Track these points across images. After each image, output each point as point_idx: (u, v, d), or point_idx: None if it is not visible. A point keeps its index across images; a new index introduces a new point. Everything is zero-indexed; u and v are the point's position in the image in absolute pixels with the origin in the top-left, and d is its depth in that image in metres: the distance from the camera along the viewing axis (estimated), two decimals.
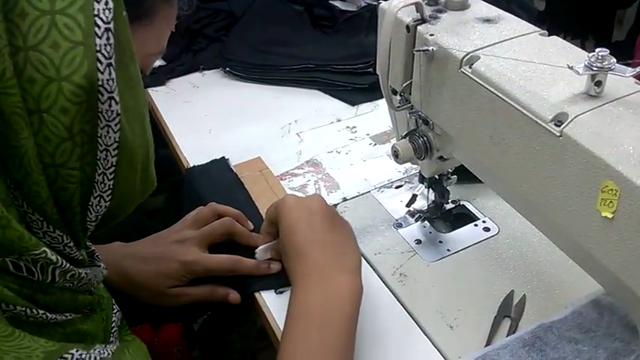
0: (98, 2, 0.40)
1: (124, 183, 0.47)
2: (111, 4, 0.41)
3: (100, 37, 0.40)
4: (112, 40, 0.41)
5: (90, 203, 0.46)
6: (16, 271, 0.44)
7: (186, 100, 1.14)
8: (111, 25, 0.41)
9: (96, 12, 0.40)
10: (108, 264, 0.74)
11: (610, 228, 0.46)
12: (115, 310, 0.58)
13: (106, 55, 0.41)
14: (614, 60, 0.49)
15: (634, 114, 0.48)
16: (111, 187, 0.46)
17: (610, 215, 0.46)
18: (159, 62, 1.21)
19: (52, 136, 0.41)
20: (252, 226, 0.80)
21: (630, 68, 0.48)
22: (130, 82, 0.45)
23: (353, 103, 1.09)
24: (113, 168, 0.45)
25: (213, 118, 1.08)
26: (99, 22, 0.40)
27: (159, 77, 1.18)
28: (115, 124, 0.43)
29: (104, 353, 0.49)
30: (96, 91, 0.41)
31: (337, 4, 1.34)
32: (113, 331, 0.57)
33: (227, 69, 1.18)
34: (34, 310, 0.45)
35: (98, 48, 0.41)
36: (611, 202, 0.45)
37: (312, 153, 0.97)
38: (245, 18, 1.29)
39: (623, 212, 0.45)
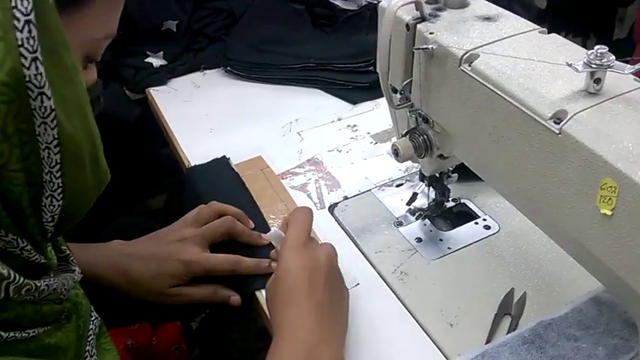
0: None
1: (74, 179, 0.45)
2: None
3: (20, 31, 0.38)
4: (34, 33, 0.38)
5: (42, 204, 0.44)
6: None
7: (187, 99, 1.14)
8: (31, 17, 0.38)
9: (13, 4, 0.37)
10: (107, 262, 0.74)
11: (609, 225, 0.46)
12: (93, 318, 0.57)
13: (30, 49, 0.39)
14: (614, 57, 0.49)
15: (633, 111, 0.48)
16: (60, 184, 0.44)
17: (609, 212, 0.46)
18: (160, 62, 1.21)
19: None
20: (252, 225, 0.80)
21: (629, 65, 0.48)
22: (65, 74, 0.42)
23: (353, 102, 1.10)
24: (58, 166, 0.43)
25: (214, 117, 1.08)
26: (17, 14, 0.38)
27: (160, 77, 1.19)
28: (52, 121, 0.41)
29: None
30: (24, 87, 0.39)
31: (338, 2, 1.34)
32: (90, 339, 0.55)
33: (228, 68, 1.18)
34: None
35: (20, 42, 0.38)
36: (610, 199, 0.46)
37: (313, 152, 0.97)
38: (245, 17, 1.29)
39: (622, 209, 0.45)
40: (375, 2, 1.21)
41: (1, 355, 0.44)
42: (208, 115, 1.08)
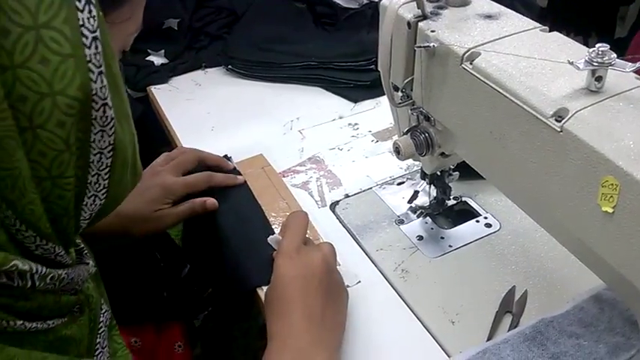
0: (82, 11, 0.39)
1: (118, 180, 0.47)
2: (94, 12, 0.40)
3: (88, 48, 0.40)
4: (100, 49, 0.40)
5: (84, 204, 0.46)
6: None
7: (188, 97, 1.14)
8: (97, 34, 0.40)
9: (81, 22, 0.39)
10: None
11: (610, 223, 0.46)
12: (104, 310, 0.58)
13: (97, 64, 0.41)
14: (615, 55, 0.49)
15: (634, 109, 0.48)
16: (106, 185, 0.46)
17: (610, 210, 0.46)
18: (161, 60, 1.22)
19: (47, 150, 0.41)
20: (232, 166, 0.91)
21: (630, 63, 0.48)
22: (114, 82, 0.44)
23: (355, 100, 1.10)
24: (108, 169, 0.45)
25: (215, 115, 1.08)
26: (85, 32, 0.39)
27: (161, 75, 1.19)
28: (110, 128, 0.43)
29: None
30: (90, 100, 0.41)
31: (339, 1, 1.34)
32: (101, 332, 0.57)
33: (229, 67, 1.18)
34: (10, 322, 0.44)
35: (88, 58, 0.40)
36: (611, 196, 0.46)
37: (315, 150, 0.97)
38: (247, 16, 1.29)
39: (623, 207, 0.45)
40: (377, 0, 1.21)
41: (24, 345, 0.45)
42: (210, 114, 1.09)
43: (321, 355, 0.60)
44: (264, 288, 0.73)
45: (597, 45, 0.49)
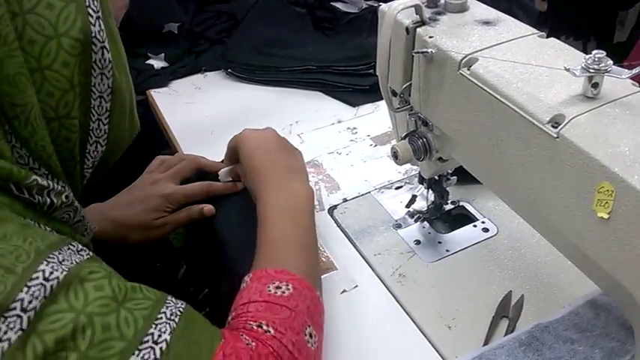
0: None
1: (117, 126, 0.51)
2: None
3: None
4: None
5: (87, 150, 0.49)
6: (19, 194, 0.46)
7: (188, 101, 1.14)
8: None
9: None
10: (93, 220, 0.79)
11: (606, 228, 0.47)
12: None
13: (95, 9, 0.45)
14: (611, 62, 0.49)
15: (630, 115, 0.48)
16: (106, 131, 0.50)
17: (606, 216, 0.46)
18: (161, 64, 1.22)
19: (54, 90, 0.45)
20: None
21: (627, 70, 0.49)
22: (111, 34, 0.48)
23: (354, 105, 1.10)
24: (107, 113, 0.49)
25: (215, 119, 1.08)
26: None
27: (161, 78, 1.19)
28: (109, 71, 0.47)
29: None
30: (90, 42, 0.45)
31: (339, 5, 1.35)
32: None
33: (229, 70, 1.19)
34: (41, 225, 0.46)
35: (87, 4, 0.45)
36: (607, 202, 0.46)
37: (313, 154, 0.97)
38: (247, 20, 1.30)
39: (618, 213, 0.45)
40: (376, 5, 1.21)
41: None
42: (209, 117, 1.09)
43: (297, 182, 0.73)
44: None
45: (594, 52, 0.49)
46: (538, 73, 0.54)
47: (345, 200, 0.88)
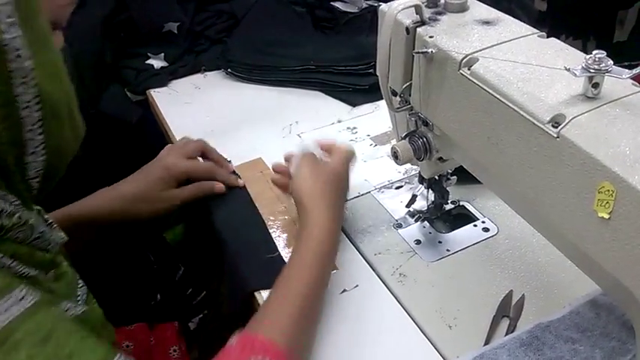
0: None
1: (54, 134, 0.48)
2: None
3: None
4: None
5: (25, 162, 0.47)
6: None
7: (187, 101, 1.14)
8: None
9: None
10: (98, 201, 0.82)
11: (606, 228, 0.47)
12: (81, 285, 0.60)
13: (6, 14, 0.42)
14: (612, 62, 0.49)
15: (631, 115, 0.48)
16: (42, 140, 0.47)
17: (606, 216, 0.46)
18: (160, 63, 1.22)
19: None
20: (232, 168, 0.92)
21: (627, 70, 0.49)
22: (40, 38, 0.45)
23: (353, 104, 1.10)
24: (40, 122, 0.46)
25: (214, 119, 1.08)
26: None
27: (161, 78, 1.19)
28: (31, 79, 0.44)
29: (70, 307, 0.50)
30: (2, 51, 0.42)
31: (338, 5, 1.35)
32: (79, 302, 0.58)
33: (229, 70, 1.19)
34: None
35: None
36: (607, 202, 0.46)
37: None
38: (246, 19, 1.30)
39: (619, 213, 0.45)
40: (376, 5, 1.21)
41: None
42: (209, 117, 1.09)
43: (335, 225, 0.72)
44: (263, 292, 0.73)
45: (594, 52, 0.49)
46: (538, 73, 0.54)
47: (345, 200, 0.87)
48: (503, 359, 0.61)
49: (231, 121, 1.07)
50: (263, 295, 0.73)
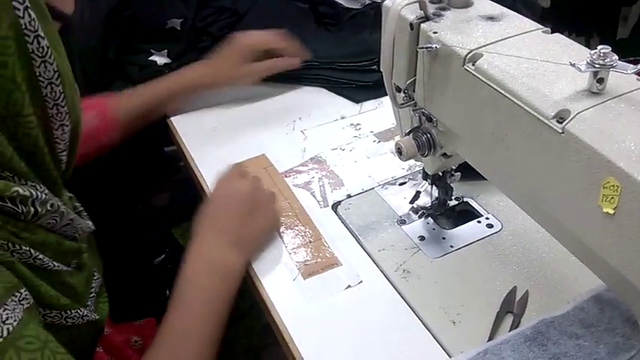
0: None
1: (72, 102, 0.50)
2: None
3: None
4: None
5: (55, 136, 0.49)
6: (2, 203, 0.46)
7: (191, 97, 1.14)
8: None
9: None
10: (177, 82, 0.99)
11: (611, 224, 0.47)
12: (97, 277, 0.61)
13: (21, 0, 0.43)
14: (617, 57, 0.49)
15: (636, 111, 0.48)
16: (67, 111, 0.49)
17: (611, 211, 0.46)
18: (164, 60, 1.22)
19: None
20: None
21: (632, 65, 0.49)
22: (42, 13, 0.46)
23: (357, 101, 1.10)
24: (62, 95, 0.48)
25: (218, 115, 1.08)
26: None
27: (164, 74, 1.19)
28: (49, 57, 0.46)
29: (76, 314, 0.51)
30: (22, 35, 0.44)
31: (341, 1, 1.34)
32: (91, 295, 0.60)
33: None
34: (16, 246, 0.46)
35: None
36: (612, 198, 0.46)
37: (317, 150, 0.98)
38: (249, 16, 1.29)
39: (624, 208, 0.45)
40: (379, 1, 1.21)
41: (27, 279, 0.47)
42: (212, 114, 1.09)
43: (231, 257, 0.70)
44: (267, 288, 0.73)
45: (599, 47, 0.49)
46: (543, 68, 0.54)
47: (348, 196, 0.88)
48: (507, 355, 0.61)
49: (234, 118, 1.07)
50: (267, 291, 0.73)
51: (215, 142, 1.01)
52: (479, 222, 0.81)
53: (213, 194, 0.78)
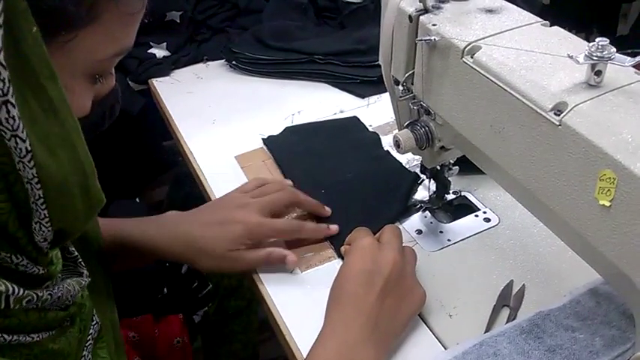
0: None
1: (60, 210, 0.43)
2: None
3: None
4: (3, 75, 0.36)
5: (33, 228, 0.43)
6: None
7: (189, 90, 1.14)
8: (0, 57, 0.36)
9: None
10: (167, 233, 0.73)
11: (608, 216, 0.47)
12: (94, 322, 0.57)
13: (3, 91, 0.36)
14: (614, 50, 0.49)
15: (633, 103, 0.48)
16: (46, 215, 0.43)
17: (608, 204, 0.46)
18: (163, 53, 1.22)
19: None
20: (328, 212, 0.80)
21: (630, 58, 0.49)
22: (49, 107, 0.40)
23: (362, 96, 1.10)
24: (42, 199, 0.42)
25: (216, 108, 1.08)
26: None
27: (163, 68, 1.19)
28: (29, 161, 0.39)
29: None
30: None
31: None
32: (88, 344, 0.55)
33: (233, 62, 1.18)
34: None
35: None
36: (609, 190, 0.46)
37: None
38: (249, 10, 1.29)
39: (620, 200, 0.45)
40: None
41: (3, 357, 0.44)
42: (211, 107, 1.09)
43: (367, 353, 0.59)
44: (265, 283, 0.73)
45: (597, 39, 0.49)
46: (541, 61, 0.54)
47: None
48: (504, 347, 0.61)
49: (232, 111, 1.07)
50: (266, 286, 0.73)
51: (213, 134, 1.01)
52: (476, 216, 0.81)
53: (353, 262, 0.64)
